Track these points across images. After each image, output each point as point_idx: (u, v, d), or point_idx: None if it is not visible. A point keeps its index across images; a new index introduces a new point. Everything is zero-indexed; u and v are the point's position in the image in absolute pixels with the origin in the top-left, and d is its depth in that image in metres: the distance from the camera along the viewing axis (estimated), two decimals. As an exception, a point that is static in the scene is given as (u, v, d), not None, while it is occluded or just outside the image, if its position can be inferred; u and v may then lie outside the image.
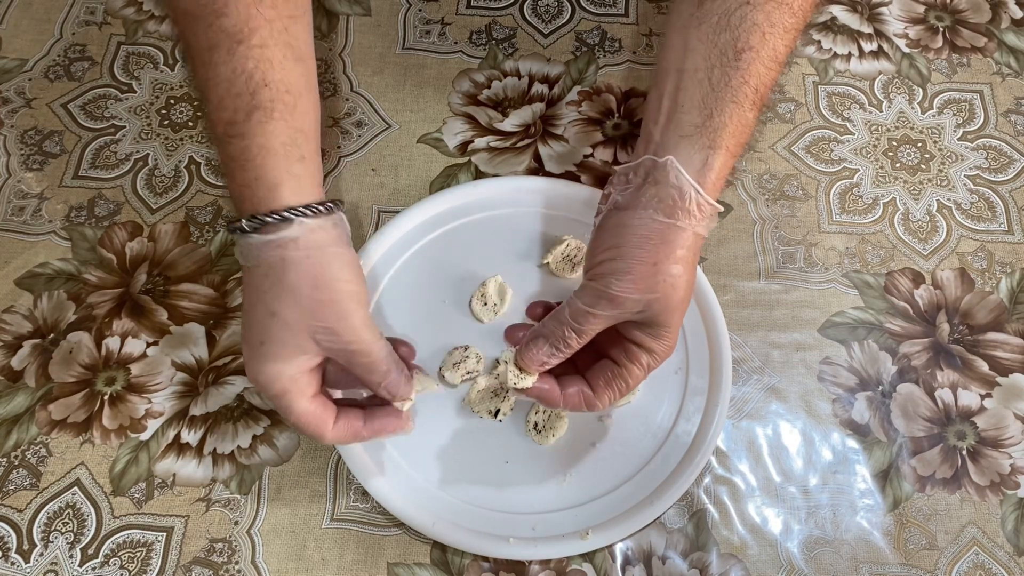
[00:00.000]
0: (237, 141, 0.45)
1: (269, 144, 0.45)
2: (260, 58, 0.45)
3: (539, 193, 0.62)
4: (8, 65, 0.70)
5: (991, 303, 0.61)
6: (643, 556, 0.52)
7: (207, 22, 0.45)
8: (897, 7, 0.74)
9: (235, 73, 0.45)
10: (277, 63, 0.46)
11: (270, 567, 0.52)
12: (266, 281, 0.44)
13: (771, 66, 0.47)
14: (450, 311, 0.58)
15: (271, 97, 0.45)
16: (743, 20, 0.47)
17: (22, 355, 0.58)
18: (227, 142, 0.45)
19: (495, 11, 0.73)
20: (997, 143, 0.68)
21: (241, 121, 0.45)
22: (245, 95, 0.45)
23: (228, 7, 0.45)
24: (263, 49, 0.45)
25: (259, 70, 0.45)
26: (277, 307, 0.44)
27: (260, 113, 0.45)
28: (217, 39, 0.45)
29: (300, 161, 0.46)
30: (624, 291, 0.45)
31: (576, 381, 0.49)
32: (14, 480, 0.54)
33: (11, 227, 0.63)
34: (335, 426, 0.46)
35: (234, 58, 0.45)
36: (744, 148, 0.48)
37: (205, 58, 0.45)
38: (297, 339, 0.44)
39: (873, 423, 0.56)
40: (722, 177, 0.47)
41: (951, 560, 0.52)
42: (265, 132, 0.45)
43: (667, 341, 0.47)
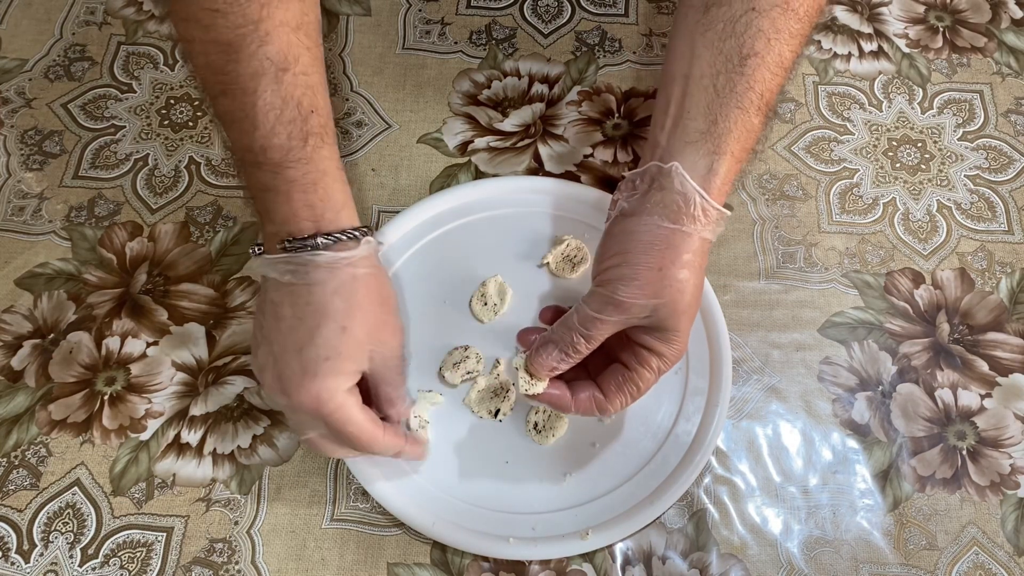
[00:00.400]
0: (299, 166, 0.46)
1: (328, 168, 0.47)
2: (306, 85, 0.47)
3: (539, 193, 0.62)
4: (8, 65, 0.70)
5: (991, 303, 0.61)
6: (643, 556, 0.52)
7: (249, 51, 0.45)
8: (897, 7, 0.74)
9: (285, 101, 0.46)
10: (320, 89, 0.48)
11: (270, 567, 0.52)
12: (336, 298, 0.45)
13: (777, 72, 0.47)
14: (450, 311, 0.58)
15: (321, 124, 0.47)
16: (748, 26, 0.47)
17: (22, 355, 0.58)
18: (287, 167, 0.46)
19: (495, 11, 0.73)
20: (997, 143, 0.68)
21: (298, 147, 0.46)
22: (298, 121, 0.46)
23: (270, 36, 0.45)
24: (307, 76, 0.47)
25: (307, 97, 0.47)
26: (349, 323, 0.45)
27: (315, 139, 0.47)
28: (262, 67, 0.45)
29: (347, 184, 0.49)
30: (631, 296, 0.46)
31: (587, 386, 0.49)
32: (14, 480, 0.54)
33: (11, 227, 0.63)
34: (385, 435, 0.48)
35: (282, 86, 0.46)
36: (750, 153, 0.48)
37: (249, 86, 0.46)
38: (360, 354, 0.46)
39: (873, 423, 0.56)
40: (728, 182, 0.47)
41: (951, 560, 0.52)
42: (323, 157, 0.47)
43: (677, 345, 0.47)
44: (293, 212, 0.46)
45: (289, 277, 0.46)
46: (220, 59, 0.46)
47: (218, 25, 0.45)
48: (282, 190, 0.46)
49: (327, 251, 0.46)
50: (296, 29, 0.47)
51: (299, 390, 0.45)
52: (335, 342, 0.45)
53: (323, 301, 0.45)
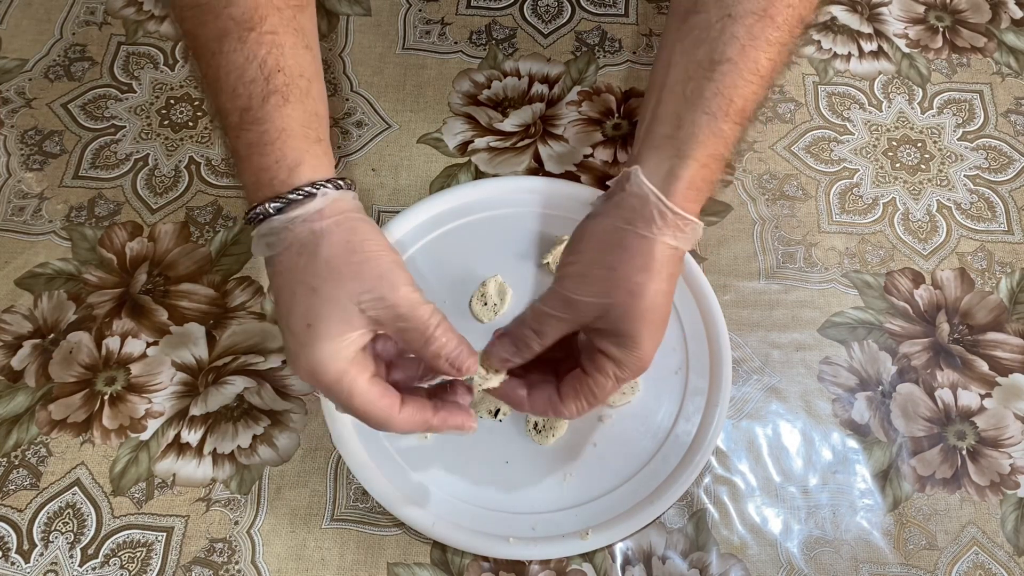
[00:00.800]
0: (255, 126, 0.44)
1: (288, 126, 0.45)
2: (272, 44, 0.45)
3: (539, 193, 0.62)
4: (8, 65, 0.70)
5: (991, 303, 0.61)
6: (643, 556, 0.52)
7: (215, 12, 0.45)
8: (897, 7, 0.74)
9: (248, 60, 0.44)
10: (289, 49, 0.46)
11: (270, 567, 0.52)
12: (300, 259, 0.43)
13: (751, 79, 0.46)
14: (450, 311, 0.58)
15: (286, 81, 0.45)
16: (722, 32, 0.46)
17: (22, 355, 0.58)
18: (245, 129, 0.44)
19: (495, 11, 0.73)
20: (997, 143, 0.68)
21: (257, 107, 0.44)
22: (260, 81, 0.44)
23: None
24: (274, 35, 0.45)
25: (272, 56, 0.45)
26: (317, 283, 0.42)
27: (277, 97, 0.45)
28: (227, 27, 0.45)
29: (318, 142, 0.46)
30: (579, 293, 0.45)
31: (548, 388, 0.48)
32: (14, 480, 0.54)
33: (11, 227, 0.63)
34: (403, 411, 0.44)
35: (246, 45, 0.45)
36: (720, 160, 0.47)
37: (214, 48, 0.45)
38: (344, 312, 0.42)
39: (873, 423, 0.56)
40: (696, 188, 0.46)
41: (951, 560, 0.52)
42: (283, 115, 0.45)
43: (635, 352, 0.45)
44: (253, 178, 0.45)
45: (266, 251, 0.44)
46: (192, 23, 0.46)
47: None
48: (243, 155, 0.45)
49: (280, 215, 0.43)
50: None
51: (298, 362, 0.43)
52: (310, 306, 0.42)
53: (290, 266, 0.43)
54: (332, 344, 0.42)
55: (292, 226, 0.43)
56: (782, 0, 0.46)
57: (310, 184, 0.44)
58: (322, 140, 0.46)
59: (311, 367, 0.42)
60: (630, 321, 0.45)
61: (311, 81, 0.47)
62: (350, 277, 0.42)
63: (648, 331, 0.45)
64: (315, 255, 0.43)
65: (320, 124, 0.47)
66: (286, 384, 0.57)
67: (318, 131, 0.46)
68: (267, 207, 0.43)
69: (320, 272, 0.42)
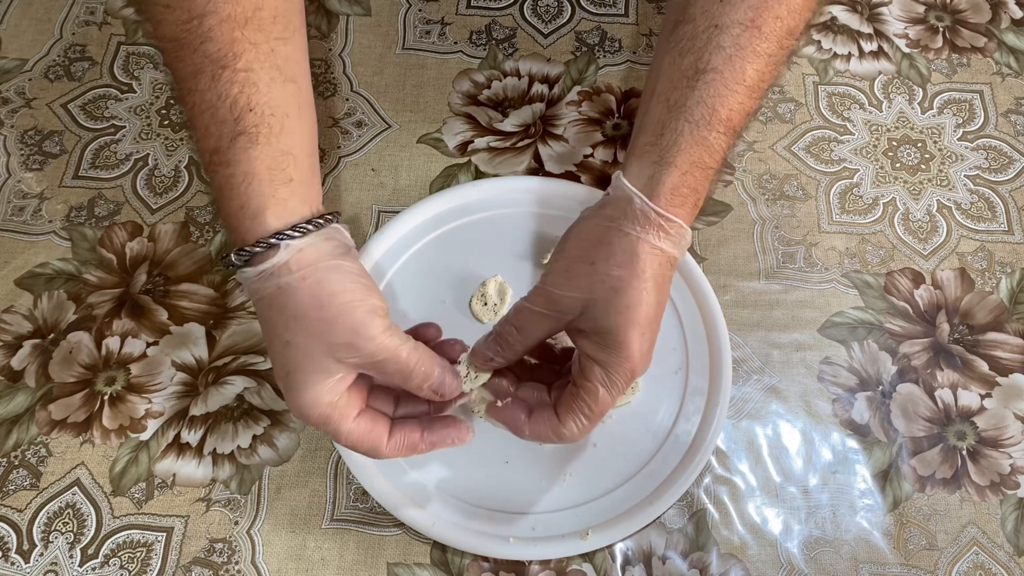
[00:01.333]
0: (223, 169, 0.43)
1: (253, 170, 0.43)
2: (245, 82, 0.44)
3: (539, 193, 0.62)
4: (8, 65, 0.70)
5: (991, 303, 0.61)
6: (643, 556, 0.52)
7: (191, 47, 0.44)
8: (897, 7, 0.74)
9: (220, 99, 0.43)
10: (263, 86, 0.44)
11: (270, 567, 0.52)
12: (271, 312, 0.43)
13: (736, 89, 0.46)
14: (450, 311, 0.58)
15: (255, 122, 0.44)
16: (708, 42, 0.46)
17: (22, 355, 0.58)
18: (214, 171, 0.44)
19: (495, 11, 0.73)
20: (997, 143, 0.68)
21: (225, 148, 0.43)
22: (229, 121, 0.43)
23: (213, 32, 0.43)
24: (248, 73, 0.44)
25: (244, 95, 0.44)
26: (289, 336, 0.42)
27: (244, 139, 0.43)
28: (201, 65, 0.44)
29: (286, 184, 0.44)
30: (559, 288, 0.45)
31: (547, 410, 0.46)
32: (14, 480, 0.54)
33: (11, 227, 0.63)
34: (391, 440, 0.45)
35: (219, 84, 0.43)
36: (705, 168, 0.46)
37: (191, 85, 0.44)
38: (317, 363, 0.42)
39: (873, 423, 0.56)
40: (679, 194, 0.46)
41: (951, 560, 0.52)
42: (249, 158, 0.43)
43: (620, 353, 0.44)
44: (225, 223, 0.44)
45: (246, 293, 0.45)
46: (170, 57, 0.45)
47: (168, 20, 0.44)
48: (216, 197, 0.45)
49: (247, 267, 0.43)
50: (243, 24, 0.44)
51: (287, 403, 0.44)
52: (286, 357, 0.43)
53: (265, 317, 0.44)
54: (311, 391, 0.43)
55: (259, 280, 0.43)
56: (770, 11, 0.46)
57: (274, 234, 0.42)
58: (294, 180, 0.45)
59: (296, 410, 0.43)
60: (611, 317, 0.44)
61: (286, 116, 0.45)
62: (321, 332, 0.42)
63: (633, 330, 0.44)
64: (283, 310, 0.42)
65: (295, 162, 0.45)
66: (286, 384, 0.57)
67: (290, 171, 0.45)
68: (232, 258, 0.43)
69: (290, 327, 0.42)
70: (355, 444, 0.44)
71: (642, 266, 0.45)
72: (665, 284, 0.46)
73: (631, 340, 0.44)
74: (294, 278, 0.42)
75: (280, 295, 0.42)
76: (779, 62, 0.47)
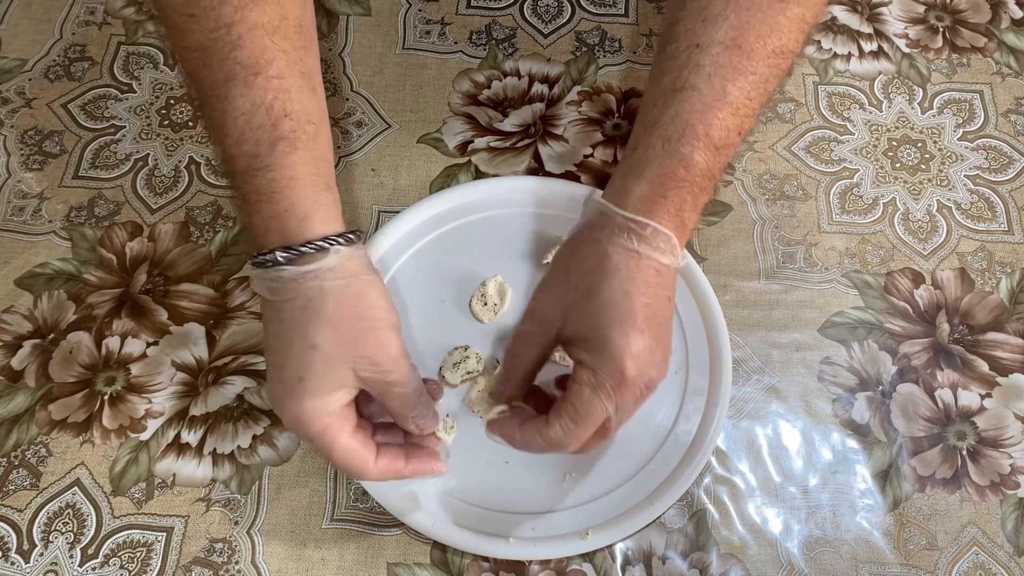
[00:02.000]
0: (264, 173, 0.44)
1: (296, 174, 0.44)
2: (279, 89, 0.45)
3: (539, 193, 0.62)
4: (8, 65, 0.70)
5: (991, 303, 0.61)
6: (643, 556, 0.52)
7: (221, 56, 0.44)
8: (897, 7, 0.74)
9: (255, 105, 0.44)
10: (295, 93, 0.45)
11: (270, 567, 0.52)
12: (304, 314, 0.43)
13: (716, 106, 0.45)
14: (450, 311, 0.58)
15: (293, 127, 0.45)
16: (687, 61, 0.46)
17: (22, 355, 0.58)
18: (252, 175, 0.44)
19: (495, 11, 0.73)
20: (997, 143, 0.68)
21: (265, 153, 0.44)
22: (267, 126, 0.44)
23: (243, 39, 0.44)
24: (280, 80, 0.45)
25: (279, 101, 0.44)
26: (318, 340, 0.43)
27: (284, 144, 0.44)
28: (233, 72, 0.44)
29: (327, 190, 0.46)
30: (541, 302, 0.47)
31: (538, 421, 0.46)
32: (14, 480, 0.54)
33: (11, 227, 0.63)
34: (377, 463, 0.45)
35: (252, 90, 0.44)
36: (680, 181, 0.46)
37: (220, 92, 0.44)
38: (338, 372, 0.43)
39: (873, 423, 0.56)
40: (651, 201, 0.46)
41: (951, 560, 0.52)
42: (291, 163, 0.44)
43: (603, 352, 0.43)
44: (262, 224, 0.44)
45: (267, 293, 0.44)
46: (196, 65, 0.45)
47: (193, 30, 0.44)
48: (251, 200, 0.45)
49: (290, 266, 0.43)
50: (272, 32, 0.45)
51: (284, 410, 0.44)
52: (306, 361, 0.43)
53: (291, 318, 0.43)
54: (320, 400, 0.43)
55: (300, 279, 0.43)
56: (752, 31, 0.45)
57: (323, 239, 0.44)
58: (331, 187, 0.46)
59: (296, 417, 0.43)
60: (589, 318, 0.44)
61: (318, 126, 0.46)
62: (351, 341, 0.43)
63: (613, 328, 0.43)
64: (319, 313, 0.43)
65: (328, 169, 0.47)
66: (286, 384, 0.57)
67: (327, 177, 0.46)
68: (276, 255, 0.43)
69: (322, 331, 0.43)
70: (347, 460, 0.44)
71: (613, 266, 0.45)
72: (654, 287, 0.45)
73: (613, 338, 0.43)
74: (337, 284, 0.43)
75: (319, 297, 0.43)
76: (767, 80, 0.46)
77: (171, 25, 0.45)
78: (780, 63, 0.46)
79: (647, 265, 0.45)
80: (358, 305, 0.44)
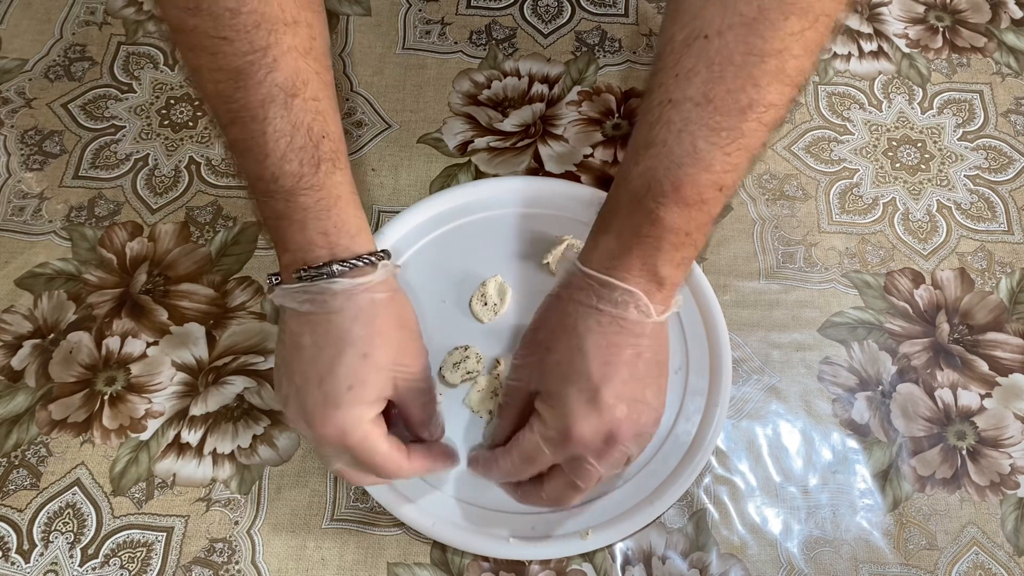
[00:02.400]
0: (311, 193, 0.46)
1: (342, 193, 0.47)
2: (316, 111, 0.46)
3: (539, 193, 0.62)
4: (8, 65, 0.70)
5: (991, 303, 0.61)
6: (643, 556, 0.52)
7: (257, 79, 0.44)
8: (897, 7, 0.74)
9: (295, 128, 0.45)
10: (331, 115, 0.47)
11: (270, 567, 0.52)
12: (356, 324, 0.45)
13: (686, 162, 0.44)
14: (450, 311, 0.58)
15: (333, 148, 0.47)
16: (659, 117, 0.45)
17: (22, 355, 0.58)
18: (299, 194, 0.46)
19: (495, 11, 0.73)
20: (997, 143, 0.68)
21: (309, 173, 0.46)
22: (309, 147, 0.46)
23: (278, 62, 0.44)
24: (317, 102, 0.46)
25: (317, 123, 0.46)
26: (370, 349, 0.45)
27: (327, 164, 0.46)
28: (271, 94, 0.44)
29: (362, 209, 0.49)
30: (518, 356, 0.50)
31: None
32: (14, 480, 0.54)
33: (11, 227, 0.63)
34: (411, 462, 0.47)
35: (292, 112, 0.45)
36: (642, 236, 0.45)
37: (257, 113, 0.45)
38: (384, 379, 0.46)
39: (873, 423, 0.56)
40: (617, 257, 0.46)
41: (951, 560, 0.52)
42: (336, 183, 0.47)
43: (554, 407, 0.45)
44: (308, 240, 0.46)
45: (308, 307, 0.45)
46: (229, 87, 0.45)
47: (226, 52, 0.44)
48: (296, 218, 0.46)
49: (343, 278, 0.45)
50: (305, 54, 0.46)
51: (323, 422, 0.44)
52: (357, 370, 0.44)
53: (343, 329, 0.45)
54: (363, 409, 0.45)
55: (353, 291, 0.45)
56: (723, 86, 0.43)
57: (371, 254, 0.47)
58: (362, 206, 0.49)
59: (342, 426, 0.44)
60: (546, 377, 0.47)
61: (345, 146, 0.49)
62: (396, 349, 0.46)
63: (566, 387, 0.45)
64: (372, 324, 0.45)
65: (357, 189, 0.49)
66: (286, 384, 0.57)
67: (359, 198, 0.49)
68: (332, 268, 0.45)
69: (374, 340, 0.45)
70: (388, 462, 0.46)
71: (571, 324, 0.46)
72: (615, 344, 0.45)
73: (565, 396, 0.45)
74: (385, 296, 0.47)
75: (371, 309, 0.46)
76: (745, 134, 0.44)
77: (200, 47, 0.44)
78: (760, 116, 0.44)
79: (609, 320, 0.46)
80: (401, 315, 0.48)
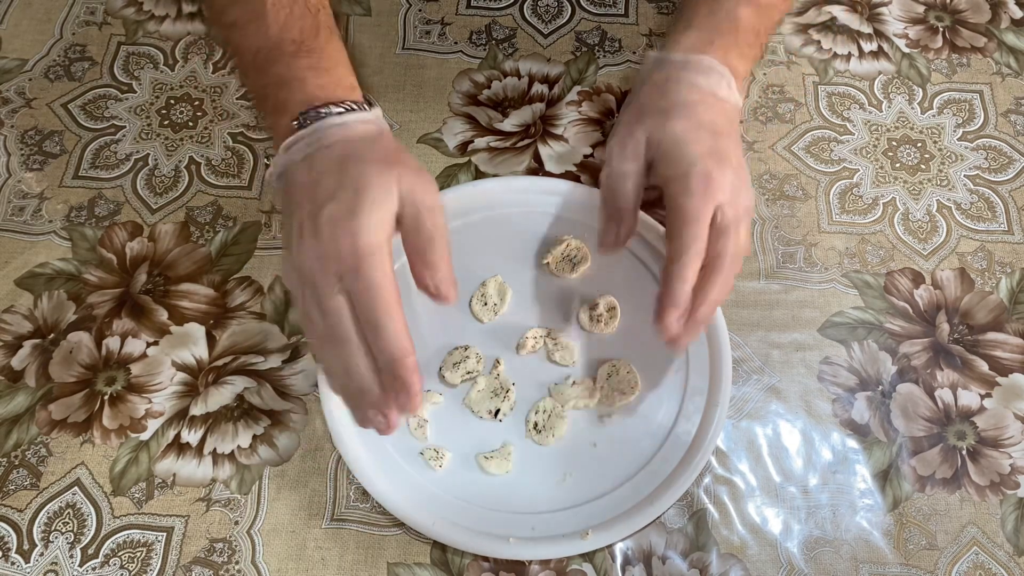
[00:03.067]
0: (311, 54, 0.51)
1: (340, 57, 0.53)
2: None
3: (539, 193, 0.62)
4: (8, 65, 0.70)
5: (991, 303, 0.61)
6: (643, 556, 0.52)
7: None
8: (897, 7, 0.74)
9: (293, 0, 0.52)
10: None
11: (270, 567, 0.52)
12: (360, 145, 0.48)
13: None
14: (450, 311, 0.58)
15: (327, 19, 0.54)
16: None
17: (22, 355, 0.58)
18: (300, 56, 0.51)
19: (495, 11, 0.73)
20: (997, 143, 0.68)
21: (310, 39, 0.52)
22: (308, 17, 0.52)
23: None
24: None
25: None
26: (372, 157, 0.47)
27: (325, 31, 0.53)
28: None
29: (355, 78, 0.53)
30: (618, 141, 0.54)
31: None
32: (14, 480, 0.54)
33: (11, 227, 0.63)
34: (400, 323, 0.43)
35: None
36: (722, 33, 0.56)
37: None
38: (388, 185, 0.45)
39: (873, 423, 0.56)
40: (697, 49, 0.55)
41: (951, 560, 0.52)
42: (334, 48, 0.53)
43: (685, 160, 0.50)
44: (307, 95, 0.50)
45: (308, 150, 0.48)
46: None
47: None
48: (298, 77, 0.50)
49: (350, 113, 0.49)
50: None
51: (335, 232, 0.44)
52: (360, 173, 0.46)
53: (344, 152, 0.47)
54: (376, 214, 0.44)
55: (353, 123, 0.49)
56: None
57: (366, 100, 0.51)
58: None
59: (356, 231, 0.43)
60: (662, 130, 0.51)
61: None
62: (398, 163, 0.47)
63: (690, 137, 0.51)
64: (374, 142, 0.49)
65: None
66: (286, 384, 0.57)
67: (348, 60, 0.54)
68: (330, 108, 0.49)
69: (376, 151, 0.48)
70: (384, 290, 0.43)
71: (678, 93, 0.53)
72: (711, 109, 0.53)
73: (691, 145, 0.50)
74: (384, 126, 0.52)
75: (374, 131, 0.50)
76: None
77: None
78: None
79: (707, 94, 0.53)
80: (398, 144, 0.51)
